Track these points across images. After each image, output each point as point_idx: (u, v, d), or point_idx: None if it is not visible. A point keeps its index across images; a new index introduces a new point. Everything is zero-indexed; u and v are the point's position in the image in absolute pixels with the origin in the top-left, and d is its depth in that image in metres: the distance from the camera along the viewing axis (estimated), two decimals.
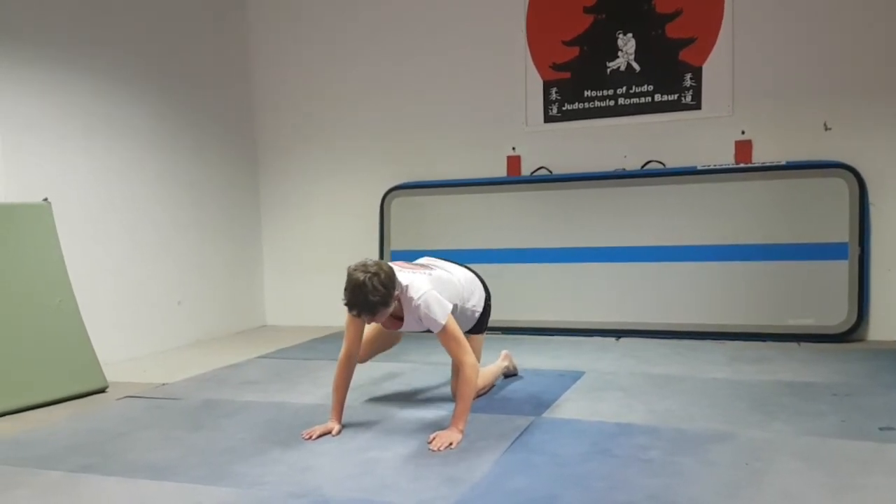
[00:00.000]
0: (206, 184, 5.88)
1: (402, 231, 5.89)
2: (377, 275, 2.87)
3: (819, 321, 4.91)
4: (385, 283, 2.89)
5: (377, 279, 2.86)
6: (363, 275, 2.86)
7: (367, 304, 2.88)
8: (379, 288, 2.86)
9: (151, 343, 5.26)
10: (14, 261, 3.89)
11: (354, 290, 2.87)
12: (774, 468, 2.57)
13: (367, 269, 2.89)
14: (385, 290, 2.89)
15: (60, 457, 2.92)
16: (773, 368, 4.14)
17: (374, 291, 2.85)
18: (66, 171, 4.66)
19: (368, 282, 2.84)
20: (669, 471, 2.57)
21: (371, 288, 2.84)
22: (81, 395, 3.92)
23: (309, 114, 6.27)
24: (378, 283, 2.86)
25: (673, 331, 5.14)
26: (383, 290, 2.88)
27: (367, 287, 2.84)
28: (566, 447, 2.85)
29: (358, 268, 2.91)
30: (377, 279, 2.86)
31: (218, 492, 2.51)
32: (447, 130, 5.88)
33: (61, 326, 4.01)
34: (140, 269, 5.22)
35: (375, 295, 2.86)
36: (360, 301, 2.88)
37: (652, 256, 5.26)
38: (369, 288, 2.84)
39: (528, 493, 2.42)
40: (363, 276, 2.86)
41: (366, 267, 2.90)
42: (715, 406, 3.38)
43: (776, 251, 5.02)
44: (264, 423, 3.32)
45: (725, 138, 5.23)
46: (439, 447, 2.86)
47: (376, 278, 2.86)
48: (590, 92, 5.48)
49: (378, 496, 2.42)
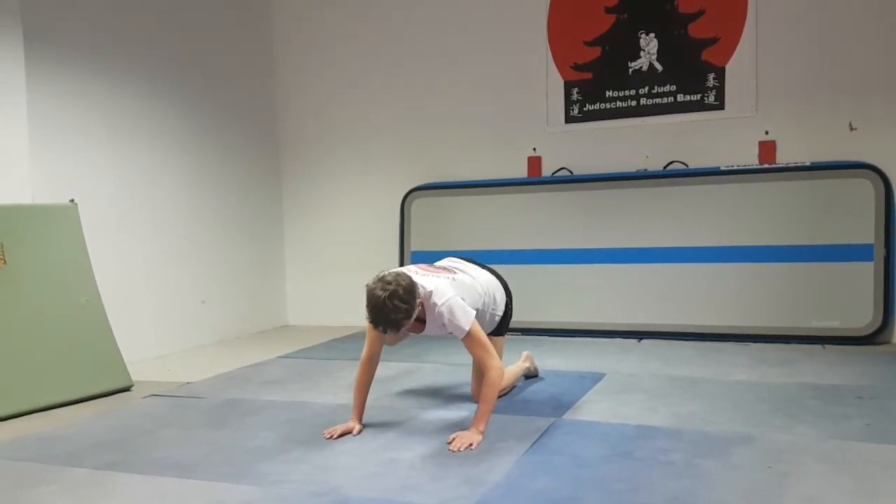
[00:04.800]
0: (230, 184, 5.93)
1: (423, 231, 5.90)
2: (396, 291, 2.85)
3: (844, 323, 4.85)
4: (405, 299, 2.87)
5: (397, 297, 2.84)
6: (382, 293, 2.84)
7: (390, 321, 2.88)
8: (400, 305, 2.85)
9: (175, 342, 5.32)
10: (41, 261, 3.95)
11: (375, 310, 2.87)
12: (798, 472, 2.55)
13: (386, 286, 2.86)
14: (406, 306, 2.88)
15: (86, 454, 2.96)
16: (797, 371, 4.10)
17: (396, 310, 2.85)
18: (93, 172, 4.73)
19: (388, 301, 2.83)
20: (691, 473, 2.55)
21: (392, 307, 2.84)
22: (106, 394, 3.97)
23: (331, 114, 6.31)
24: (398, 301, 2.85)
25: (695, 333, 5.11)
26: (405, 305, 2.87)
27: (387, 307, 2.84)
28: (587, 449, 2.84)
29: (376, 285, 2.89)
30: (397, 297, 2.84)
31: (240, 490, 2.53)
32: (468, 131, 5.89)
33: (87, 326, 4.06)
34: (164, 269, 5.28)
35: (398, 312, 2.86)
36: (382, 320, 2.88)
37: (674, 258, 5.23)
38: (390, 307, 2.84)
39: (548, 494, 2.41)
40: (382, 294, 2.84)
41: (384, 284, 2.87)
42: (738, 409, 3.35)
43: (800, 252, 4.97)
44: (286, 422, 3.35)
45: (749, 139, 5.19)
46: (459, 448, 2.87)
47: (396, 296, 2.84)
48: (611, 92, 5.46)
49: (398, 496, 2.43)
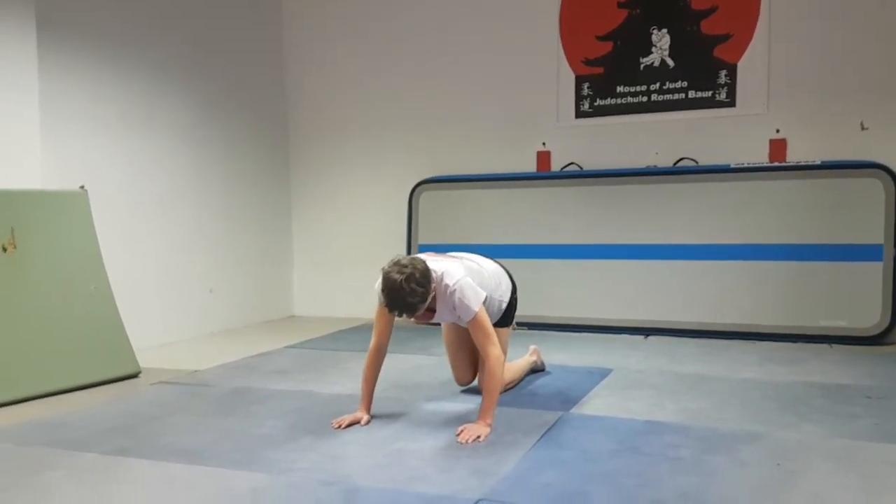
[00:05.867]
0: (239, 174, 5.93)
1: (430, 225, 5.90)
2: (412, 275, 2.86)
3: (852, 323, 4.84)
4: (421, 282, 2.89)
5: (413, 280, 2.86)
6: (399, 276, 2.85)
7: (407, 305, 2.89)
8: (416, 289, 2.87)
9: (182, 330, 5.33)
10: (51, 247, 3.95)
11: (392, 294, 2.87)
12: (806, 469, 2.54)
13: (403, 269, 2.87)
14: (423, 289, 2.89)
15: (95, 440, 2.97)
16: (804, 370, 4.09)
17: (412, 293, 2.86)
18: (103, 159, 4.73)
19: (405, 284, 2.84)
20: (700, 470, 2.55)
21: (409, 290, 2.85)
22: (114, 381, 3.98)
23: (341, 106, 6.30)
24: (415, 284, 2.86)
25: (702, 330, 5.10)
26: (421, 289, 2.88)
27: (404, 290, 2.85)
28: (595, 444, 2.84)
29: (392, 269, 2.90)
30: (413, 280, 2.86)
31: (249, 477, 2.54)
32: (477, 125, 5.88)
33: (96, 312, 4.07)
34: (172, 256, 5.29)
35: (414, 296, 2.87)
36: (399, 303, 2.89)
37: (683, 254, 5.22)
38: (406, 290, 2.85)
39: (556, 487, 2.41)
40: (399, 277, 2.85)
41: (401, 267, 2.89)
42: (746, 406, 3.35)
43: (809, 251, 4.96)
44: (294, 411, 3.35)
45: (760, 136, 5.17)
46: (467, 440, 2.87)
47: (412, 279, 2.86)
48: (622, 87, 5.44)
49: (407, 486, 2.43)
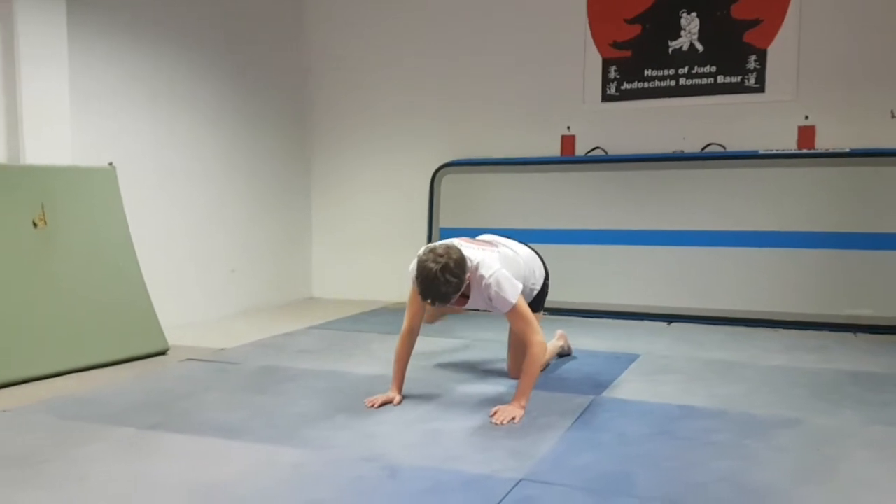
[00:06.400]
0: (261, 155, 5.91)
1: (452, 208, 5.87)
2: (447, 265, 2.85)
3: (877, 312, 4.81)
4: (456, 272, 2.87)
5: (448, 270, 2.84)
6: (434, 265, 2.83)
7: (440, 294, 2.88)
8: (451, 279, 2.85)
9: (204, 310, 5.32)
10: (80, 223, 3.96)
11: (426, 283, 2.86)
12: (847, 456, 2.53)
13: (438, 258, 2.85)
14: (457, 279, 2.88)
15: (130, 415, 2.97)
16: (832, 357, 4.07)
17: (447, 283, 2.85)
18: (130, 136, 4.72)
19: (440, 274, 2.82)
20: (739, 454, 2.54)
21: (443, 280, 2.83)
22: (143, 357, 4.00)
23: (363, 88, 6.25)
24: (450, 275, 2.84)
25: (725, 318, 5.07)
26: (455, 280, 2.87)
27: (439, 279, 2.83)
28: (631, 427, 2.83)
29: (428, 257, 2.88)
30: (448, 270, 2.84)
31: (289, 452, 2.54)
32: (501, 107, 5.83)
33: (124, 288, 4.08)
34: (195, 236, 5.28)
35: (448, 286, 2.86)
36: (433, 292, 2.88)
37: (707, 241, 5.18)
38: (441, 280, 2.83)
39: (597, 469, 2.41)
40: (434, 266, 2.83)
41: (436, 256, 2.87)
42: (777, 393, 3.34)
43: (835, 239, 4.92)
44: (325, 390, 3.35)
45: (788, 123, 5.12)
46: (502, 421, 2.87)
47: (447, 269, 2.84)
48: (650, 71, 5.39)
49: (446, 465, 2.43)
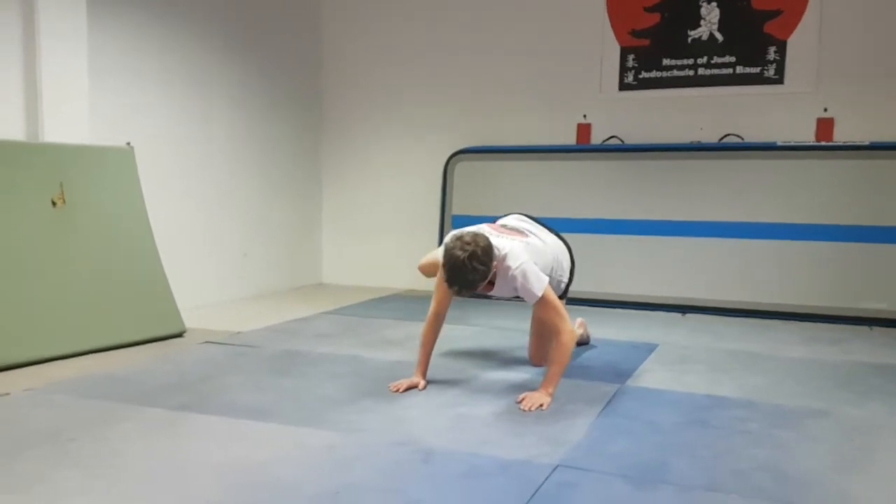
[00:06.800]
0: (273, 140, 5.87)
1: (465, 196, 5.83)
2: (475, 253, 2.83)
3: (892, 306, 4.79)
4: (483, 260, 2.85)
5: (476, 259, 2.82)
6: (462, 253, 2.81)
7: (467, 282, 2.86)
8: (478, 266, 2.83)
9: (216, 293, 5.29)
10: (98, 202, 3.91)
11: (454, 271, 2.84)
12: (881, 447, 2.52)
13: (466, 246, 2.84)
14: (484, 268, 2.86)
15: (156, 395, 2.95)
16: (850, 350, 4.06)
17: (474, 271, 2.83)
18: (146, 117, 4.67)
19: (468, 262, 2.81)
20: (773, 443, 2.52)
21: (471, 268, 2.82)
22: (160, 339, 3.96)
23: (376, 73, 6.21)
24: (477, 263, 2.83)
25: (740, 309, 5.05)
26: (483, 267, 2.85)
27: (466, 267, 2.82)
28: (661, 416, 2.81)
29: (455, 245, 2.86)
30: (476, 259, 2.82)
31: (320, 435, 2.52)
32: (517, 95, 5.79)
33: (142, 269, 4.04)
34: (208, 219, 5.25)
35: (475, 273, 2.84)
36: (460, 280, 2.86)
37: (723, 232, 5.16)
38: (469, 268, 2.82)
39: (633, 457, 2.39)
40: (462, 255, 2.81)
41: (464, 244, 2.85)
42: (802, 383, 3.32)
43: (852, 233, 4.90)
44: (347, 374, 3.33)
45: (807, 115, 5.09)
46: (530, 407, 2.85)
47: (475, 257, 2.82)
48: (669, 61, 5.35)
49: (481, 450, 2.41)
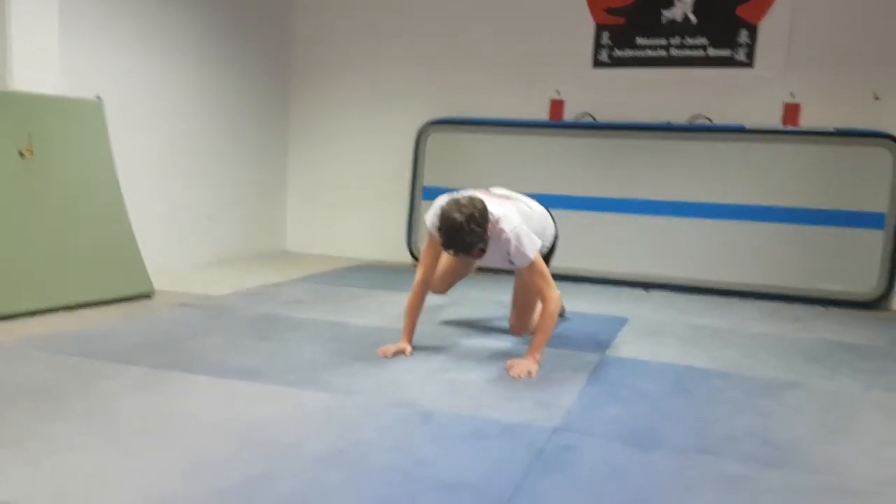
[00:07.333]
0: (241, 102, 5.72)
1: (437, 167, 5.79)
2: (473, 215, 2.82)
3: (848, 288, 4.97)
4: (480, 223, 2.85)
5: (473, 220, 2.82)
6: (460, 216, 2.80)
7: (465, 244, 2.85)
8: (476, 229, 2.83)
9: (179, 257, 5.15)
10: (67, 156, 3.76)
11: (451, 233, 2.82)
12: (858, 417, 2.61)
13: (463, 209, 2.82)
14: (481, 230, 2.85)
15: (137, 354, 2.86)
16: (811, 327, 4.20)
17: (471, 233, 2.82)
18: (117, 74, 4.50)
19: (466, 224, 2.80)
20: (757, 412, 2.59)
21: (468, 230, 2.81)
22: (128, 299, 3.85)
23: (347, 38, 6.09)
24: (475, 224, 2.82)
25: (701, 287, 5.17)
26: (479, 230, 2.84)
27: (465, 230, 2.80)
28: (645, 384, 2.86)
29: (452, 207, 2.84)
30: (473, 220, 2.82)
31: (317, 396, 2.49)
32: (491, 67, 5.76)
33: (111, 226, 3.91)
34: (173, 180, 5.09)
35: (473, 235, 2.83)
36: (457, 243, 2.85)
37: (688, 212, 5.26)
38: (467, 230, 2.80)
39: (627, 422, 2.43)
40: (460, 217, 2.80)
41: (461, 206, 2.83)
42: (773, 357, 3.42)
43: (813, 216, 5.05)
44: (330, 339, 3.29)
45: (774, 100, 5.21)
46: (519, 374, 2.86)
47: (473, 219, 2.81)
48: (642, 40, 5.39)
49: (480, 413, 2.41)
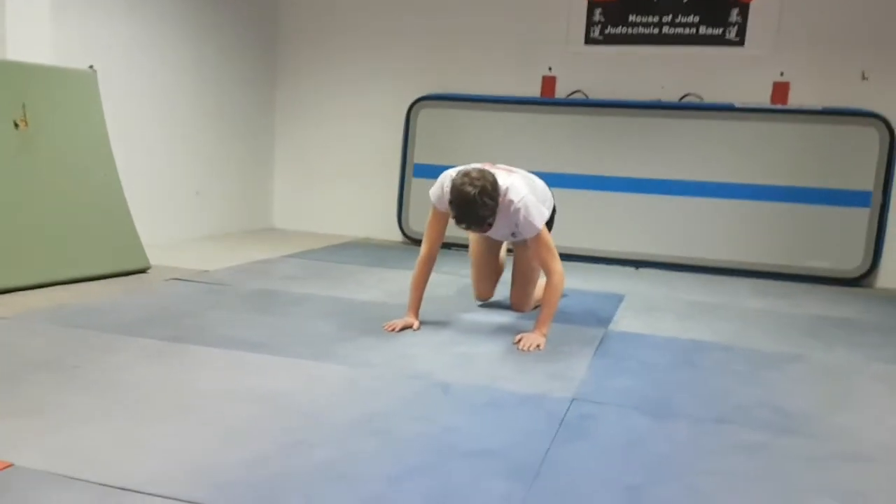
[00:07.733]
0: (227, 76, 5.62)
1: (428, 144, 5.76)
2: (485, 188, 2.81)
3: (834, 265, 5.06)
4: (493, 195, 2.83)
5: (486, 194, 2.80)
6: (472, 189, 2.78)
7: (478, 218, 2.84)
8: (488, 202, 2.81)
9: (168, 232, 5.08)
10: (61, 127, 3.68)
11: (464, 206, 2.80)
12: (861, 388, 2.66)
13: (475, 181, 2.80)
14: (493, 202, 2.84)
15: (143, 327, 2.83)
16: (802, 303, 4.26)
17: (484, 206, 2.81)
18: (109, 43, 4.41)
19: (479, 197, 2.78)
20: (762, 383, 2.64)
21: (481, 203, 2.79)
22: (124, 273, 3.79)
23: (337, 13, 6.00)
24: (487, 198, 2.80)
25: (690, 265, 5.23)
26: (492, 202, 2.83)
27: (477, 203, 2.79)
28: (651, 357, 2.90)
29: (464, 181, 2.82)
30: (486, 194, 2.80)
31: (331, 368, 2.48)
32: (483, 43, 5.72)
33: (105, 200, 3.84)
34: (161, 155, 5.01)
35: (485, 209, 2.82)
36: (470, 216, 2.83)
37: (678, 190, 5.30)
38: (479, 204, 2.79)
39: (639, 392, 2.46)
40: (472, 190, 2.78)
41: (472, 180, 2.81)
42: (770, 332, 3.47)
43: (800, 194, 5.12)
44: (334, 313, 3.27)
45: (764, 78, 5.25)
46: (528, 347, 2.88)
47: (485, 192, 2.80)
48: (635, 17, 5.39)
49: (496, 384, 2.42)
